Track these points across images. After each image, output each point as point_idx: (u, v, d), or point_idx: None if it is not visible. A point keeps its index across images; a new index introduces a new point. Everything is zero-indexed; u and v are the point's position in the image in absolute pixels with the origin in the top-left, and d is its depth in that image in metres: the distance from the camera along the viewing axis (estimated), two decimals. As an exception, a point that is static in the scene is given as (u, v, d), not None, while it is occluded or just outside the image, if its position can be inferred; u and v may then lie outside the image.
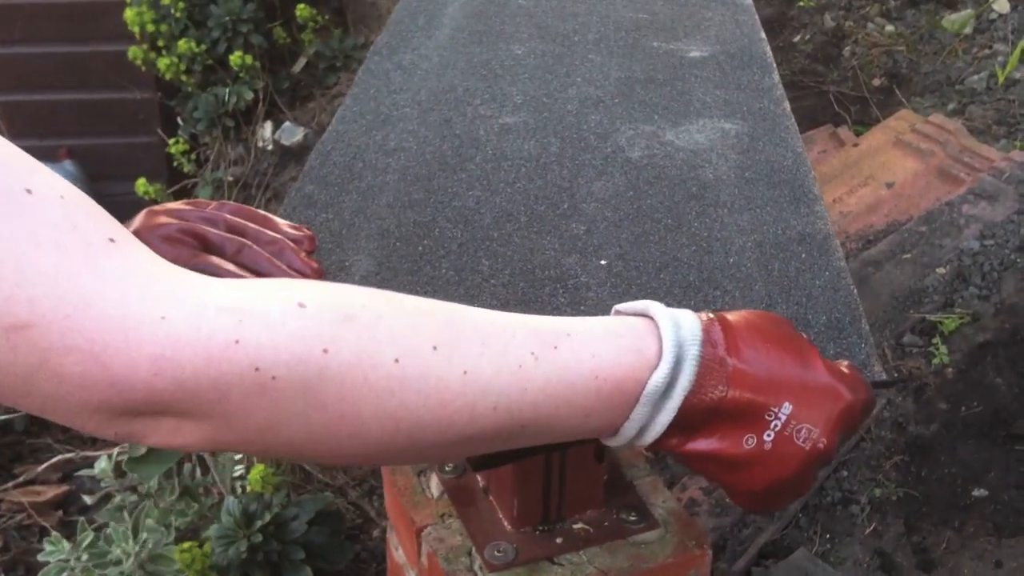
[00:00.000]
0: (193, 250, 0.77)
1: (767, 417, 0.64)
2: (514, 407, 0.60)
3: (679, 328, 0.64)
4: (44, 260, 0.48)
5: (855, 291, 0.84)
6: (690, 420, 0.64)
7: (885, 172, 2.44)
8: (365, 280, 0.85)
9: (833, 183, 2.45)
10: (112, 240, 0.51)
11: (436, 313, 0.61)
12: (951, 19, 3.04)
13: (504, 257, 0.88)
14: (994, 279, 2.05)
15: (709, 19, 1.44)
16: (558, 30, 1.39)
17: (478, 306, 0.80)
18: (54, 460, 2.23)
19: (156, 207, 0.80)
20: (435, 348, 0.58)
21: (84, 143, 3.59)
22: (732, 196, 0.99)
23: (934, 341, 1.96)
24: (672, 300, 0.84)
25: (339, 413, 0.55)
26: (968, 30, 2.98)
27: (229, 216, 0.82)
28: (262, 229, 0.83)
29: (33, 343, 0.48)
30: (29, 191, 0.49)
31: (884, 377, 0.76)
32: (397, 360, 0.56)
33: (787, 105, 1.19)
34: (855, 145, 2.59)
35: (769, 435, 0.65)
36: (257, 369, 0.52)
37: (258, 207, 2.79)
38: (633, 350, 0.63)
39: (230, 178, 2.51)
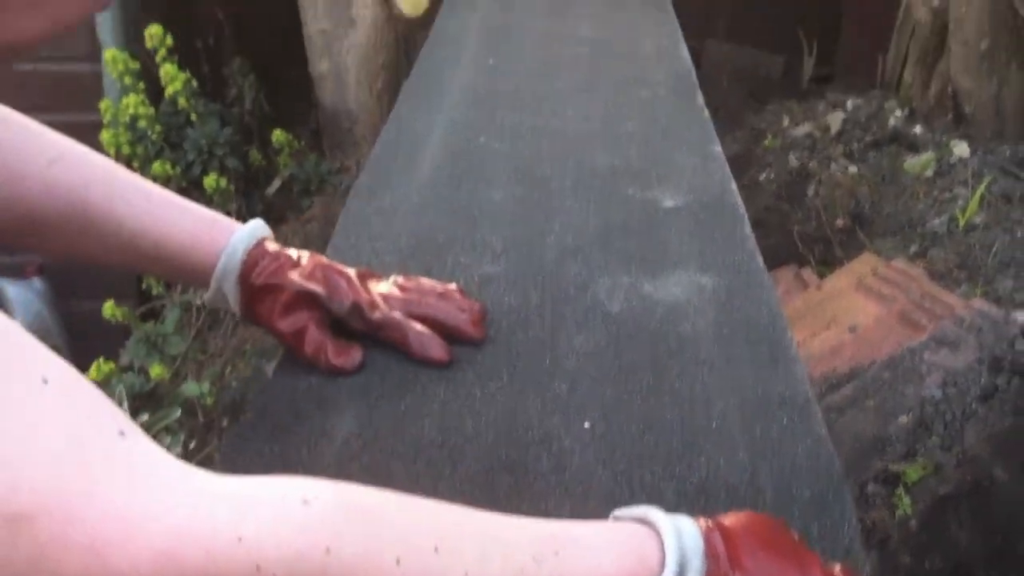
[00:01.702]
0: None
1: None
2: None
3: (680, 536, 0.63)
4: (53, 450, 0.47)
5: (837, 462, 0.85)
6: None
7: (848, 316, 2.47)
8: (347, 443, 0.84)
9: (797, 325, 2.48)
10: (122, 433, 0.51)
11: (438, 513, 0.61)
12: (912, 162, 3.12)
13: (487, 417, 0.88)
14: (956, 429, 2.06)
15: (681, 166, 1.47)
16: (536, 174, 1.41)
17: (460, 469, 0.81)
18: None
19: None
20: (436, 549, 0.57)
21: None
22: (711, 354, 1.00)
23: (897, 491, 1.96)
24: (657, 466, 0.83)
25: None
26: (929, 173, 3.06)
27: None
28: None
29: (34, 536, 0.46)
30: (45, 380, 0.49)
31: (868, 571, 0.76)
32: (399, 561, 0.55)
33: (760, 259, 1.21)
34: (818, 287, 2.63)
35: None
36: (259, 567, 0.51)
37: (226, 331, 2.76)
38: (635, 557, 0.63)
39: (199, 301, 2.49)
